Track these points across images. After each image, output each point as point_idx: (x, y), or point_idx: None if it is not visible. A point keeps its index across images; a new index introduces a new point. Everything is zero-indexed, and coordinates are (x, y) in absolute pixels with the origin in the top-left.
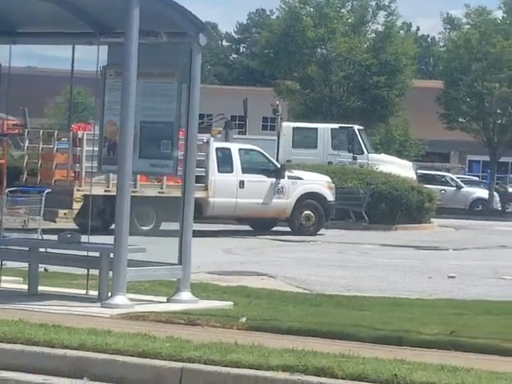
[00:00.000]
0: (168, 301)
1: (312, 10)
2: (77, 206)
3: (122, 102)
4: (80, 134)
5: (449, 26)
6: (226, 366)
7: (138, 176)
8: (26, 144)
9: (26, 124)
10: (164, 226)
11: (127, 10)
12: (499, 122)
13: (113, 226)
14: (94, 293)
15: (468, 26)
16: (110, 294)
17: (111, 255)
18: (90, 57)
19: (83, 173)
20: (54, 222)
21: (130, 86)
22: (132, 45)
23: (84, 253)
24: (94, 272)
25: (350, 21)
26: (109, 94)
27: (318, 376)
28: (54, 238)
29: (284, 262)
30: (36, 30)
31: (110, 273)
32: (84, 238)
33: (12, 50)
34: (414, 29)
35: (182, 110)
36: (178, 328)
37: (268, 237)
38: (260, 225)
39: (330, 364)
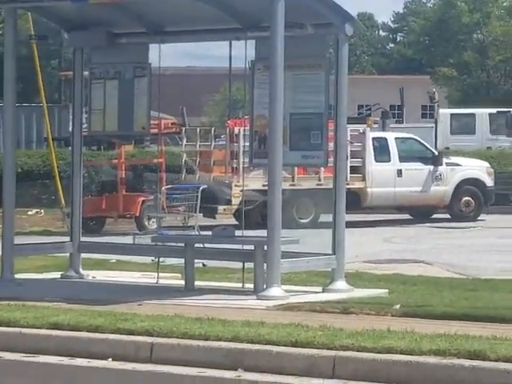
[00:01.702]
0: (323, 291)
1: None
2: (236, 201)
3: (270, 95)
4: (236, 129)
5: None
6: (379, 352)
7: (296, 169)
8: (184, 142)
9: (184, 122)
10: (323, 217)
11: (272, 4)
12: None
13: None
14: (249, 286)
15: None
16: (265, 286)
17: (265, 248)
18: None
19: (241, 168)
20: (214, 218)
21: (277, 78)
22: (278, 38)
23: (239, 246)
24: (250, 265)
25: (505, 4)
26: (258, 88)
27: (471, 359)
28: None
29: (442, 248)
30: (183, 29)
31: (265, 265)
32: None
33: (171, 50)
34: None
35: (331, 100)
36: (332, 317)
37: (427, 224)
38: (419, 213)
39: (483, 347)
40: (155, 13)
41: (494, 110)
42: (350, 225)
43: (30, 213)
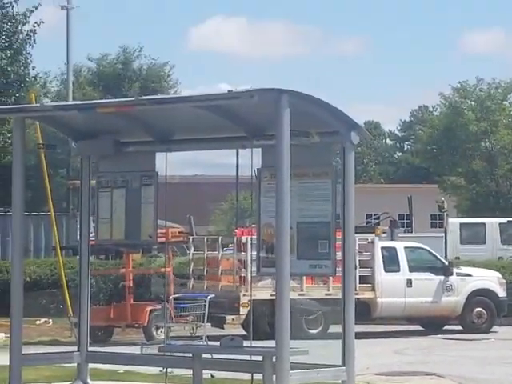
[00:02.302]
0: None
1: (473, 103)
2: (244, 311)
3: (277, 204)
4: (244, 238)
5: None
6: None
7: (304, 278)
8: (192, 251)
9: (191, 231)
10: (332, 328)
11: (277, 112)
12: None
13: None
14: None
15: None
16: None
17: (274, 358)
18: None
19: (249, 277)
20: (222, 328)
21: (283, 186)
22: (283, 146)
23: (248, 357)
24: (259, 376)
25: None
26: (264, 197)
27: None
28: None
29: (454, 360)
30: (190, 137)
31: (274, 376)
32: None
33: (178, 159)
34: None
35: (338, 208)
36: None
37: (439, 336)
38: (431, 324)
39: None
40: (162, 122)
41: (504, 220)
42: (361, 336)
43: (38, 322)
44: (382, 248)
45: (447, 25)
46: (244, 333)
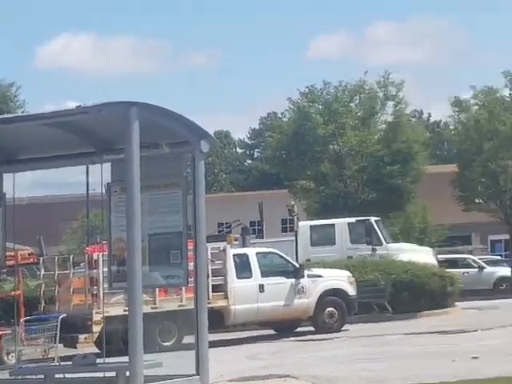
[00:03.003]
0: None
1: (321, 107)
2: (97, 328)
3: (128, 217)
4: (95, 255)
5: (457, 109)
6: None
7: (157, 291)
8: (42, 272)
9: (42, 252)
10: (187, 339)
11: (126, 126)
12: None
13: None
14: None
15: (476, 107)
16: None
17: (127, 373)
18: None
19: (101, 294)
20: (75, 347)
21: (134, 200)
22: (133, 159)
23: (101, 374)
24: None
25: (359, 114)
26: (115, 211)
27: None
28: None
29: (308, 361)
30: (38, 156)
31: None
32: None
33: (28, 180)
34: (425, 115)
35: (190, 219)
36: None
37: (292, 338)
38: (283, 327)
39: None
40: (8, 142)
41: (353, 219)
42: (214, 344)
43: None
44: (234, 255)
45: (294, 31)
46: (97, 351)
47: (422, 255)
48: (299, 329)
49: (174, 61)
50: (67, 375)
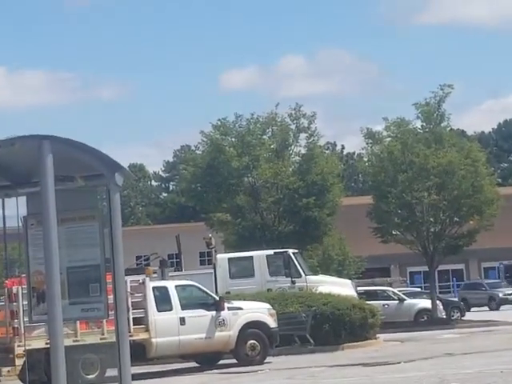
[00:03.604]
0: None
1: (234, 139)
2: (19, 361)
3: (45, 250)
4: (14, 288)
5: (371, 141)
6: None
7: (78, 324)
8: None
9: None
10: (110, 372)
11: (40, 159)
12: (432, 230)
13: None
14: None
15: (389, 139)
16: None
17: None
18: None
19: (22, 327)
20: None
21: (50, 233)
22: (48, 192)
23: None
24: None
25: (272, 146)
26: (32, 244)
27: None
28: None
29: None
30: None
31: None
32: None
33: None
34: (338, 147)
35: (107, 251)
36: None
37: (216, 371)
38: (205, 359)
39: None
40: None
41: (271, 251)
42: (138, 377)
43: None
44: (154, 288)
45: (205, 64)
46: None
47: (341, 287)
48: (222, 361)
49: (84, 92)
50: None
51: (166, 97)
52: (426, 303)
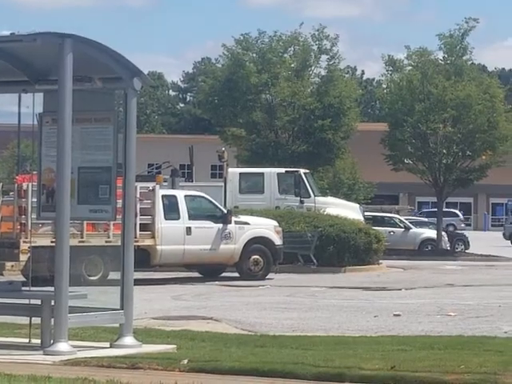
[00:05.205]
0: (111, 346)
1: (255, 55)
2: (24, 257)
3: (58, 148)
4: (25, 185)
5: (391, 68)
6: None
7: (85, 225)
8: None
9: None
10: (113, 275)
11: (60, 57)
12: (444, 161)
13: None
14: (37, 341)
15: (410, 68)
16: (52, 342)
17: (52, 302)
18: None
19: (29, 224)
20: (2, 274)
21: (65, 131)
22: (66, 91)
23: (26, 301)
24: (38, 320)
25: (292, 66)
26: (46, 141)
27: None
28: None
29: (231, 306)
30: None
31: (53, 320)
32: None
33: None
34: (358, 73)
35: (120, 156)
36: (120, 372)
37: (217, 282)
38: (209, 271)
39: None
40: None
41: (282, 170)
42: (140, 282)
43: None
44: (163, 196)
45: None
46: (24, 279)
47: (349, 211)
48: (224, 274)
49: None
50: None
51: (191, 8)
52: (431, 233)
